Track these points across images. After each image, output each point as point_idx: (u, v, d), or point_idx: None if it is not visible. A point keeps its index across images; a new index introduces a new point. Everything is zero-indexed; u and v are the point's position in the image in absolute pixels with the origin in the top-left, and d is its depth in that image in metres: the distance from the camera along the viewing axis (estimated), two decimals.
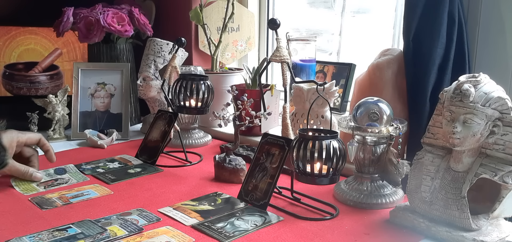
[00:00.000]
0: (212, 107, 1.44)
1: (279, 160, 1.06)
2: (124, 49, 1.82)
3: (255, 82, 1.60)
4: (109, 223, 0.96)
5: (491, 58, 1.16)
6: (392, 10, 1.54)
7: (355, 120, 1.08)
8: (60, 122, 1.65)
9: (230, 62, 1.91)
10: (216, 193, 1.15)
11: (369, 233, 0.95)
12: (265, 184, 1.06)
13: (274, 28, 1.13)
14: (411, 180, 0.97)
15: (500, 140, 0.87)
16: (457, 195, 0.88)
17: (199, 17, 1.71)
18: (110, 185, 1.20)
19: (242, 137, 1.53)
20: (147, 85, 1.68)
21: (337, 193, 1.12)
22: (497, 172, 0.85)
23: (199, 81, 1.38)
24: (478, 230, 0.88)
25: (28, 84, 1.83)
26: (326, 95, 1.24)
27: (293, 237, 0.92)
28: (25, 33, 1.85)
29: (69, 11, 1.73)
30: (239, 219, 0.99)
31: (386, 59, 1.20)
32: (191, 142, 1.57)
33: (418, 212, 0.95)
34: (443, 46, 1.11)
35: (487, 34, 1.16)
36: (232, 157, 1.24)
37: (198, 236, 0.92)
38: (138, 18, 1.77)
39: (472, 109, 0.85)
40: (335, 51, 1.73)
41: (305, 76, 1.45)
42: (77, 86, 1.70)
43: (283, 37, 1.19)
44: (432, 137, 0.96)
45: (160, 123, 1.45)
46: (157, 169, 1.33)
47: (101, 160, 1.41)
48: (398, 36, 1.50)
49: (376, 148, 1.07)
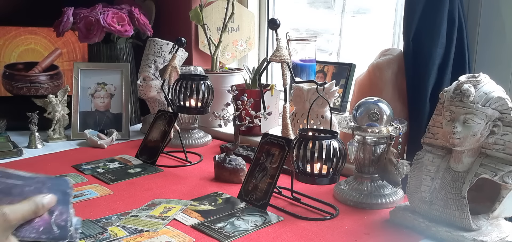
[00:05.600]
0: (212, 107, 1.44)
1: (279, 160, 1.06)
2: (124, 49, 1.82)
3: (255, 82, 1.60)
4: (109, 223, 0.96)
5: (491, 58, 1.16)
6: (392, 10, 1.54)
7: (355, 120, 1.08)
8: (60, 122, 1.65)
9: (230, 62, 1.91)
10: (217, 193, 1.15)
11: (369, 233, 0.95)
12: (265, 184, 1.06)
13: (274, 28, 1.14)
14: (411, 180, 0.97)
15: (500, 140, 0.87)
16: (457, 195, 0.88)
17: (199, 17, 1.71)
18: (110, 185, 1.20)
19: (242, 137, 1.53)
20: (147, 85, 1.68)
21: (337, 193, 1.12)
22: (497, 172, 0.85)
23: (199, 81, 1.38)
24: (478, 230, 0.88)
25: (28, 84, 1.83)
26: (326, 95, 1.24)
27: (293, 237, 0.92)
28: (25, 33, 1.85)
29: (69, 11, 1.73)
30: (239, 219, 0.99)
31: (386, 59, 1.20)
32: (191, 142, 1.57)
33: (418, 212, 0.95)
34: (443, 46, 1.11)
35: (487, 34, 1.16)
36: (232, 157, 1.24)
37: (198, 236, 0.92)
38: (138, 18, 1.77)
39: (472, 109, 0.85)
40: (335, 51, 1.73)
41: (305, 76, 1.45)
42: (77, 86, 1.70)
43: (283, 37, 1.19)
44: (432, 137, 0.96)
45: (160, 123, 1.45)
46: (157, 169, 1.33)
47: (101, 160, 1.41)
48: (398, 36, 1.50)
49: (376, 148, 1.07)
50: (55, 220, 0.62)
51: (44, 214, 0.62)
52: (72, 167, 1.34)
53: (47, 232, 0.61)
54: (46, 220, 0.62)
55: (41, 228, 0.61)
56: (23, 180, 0.64)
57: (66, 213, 0.64)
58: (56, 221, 0.62)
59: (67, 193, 0.66)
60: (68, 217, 0.63)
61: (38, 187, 0.63)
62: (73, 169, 1.33)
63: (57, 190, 0.65)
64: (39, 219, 0.61)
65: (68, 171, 1.31)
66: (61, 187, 0.66)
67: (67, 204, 0.65)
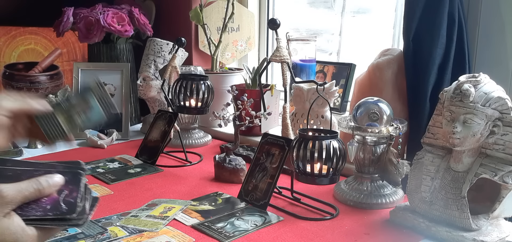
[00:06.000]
0: (212, 107, 1.44)
1: (279, 160, 1.06)
2: (124, 49, 1.82)
3: (255, 82, 1.60)
4: (109, 223, 0.96)
5: (491, 58, 1.16)
6: (392, 10, 1.54)
7: (355, 120, 1.08)
8: None
9: (230, 62, 1.91)
10: (217, 193, 1.15)
11: (369, 233, 0.95)
12: (265, 184, 1.06)
13: (274, 28, 1.14)
14: (411, 180, 0.97)
15: (500, 140, 0.87)
16: (457, 195, 0.88)
17: (199, 17, 1.71)
18: (110, 185, 1.20)
19: (242, 137, 1.53)
20: (147, 85, 1.68)
21: (337, 193, 1.12)
22: (497, 172, 0.85)
23: (199, 81, 1.38)
24: (478, 230, 0.88)
25: (28, 84, 1.83)
26: (326, 95, 1.24)
27: (293, 237, 0.92)
28: (25, 33, 1.86)
29: (69, 11, 1.73)
30: (239, 219, 0.99)
31: (386, 59, 1.20)
32: (191, 142, 1.57)
33: (418, 212, 0.95)
34: (443, 46, 1.11)
35: (487, 34, 1.16)
36: (232, 157, 1.24)
37: (198, 236, 0.92)
38: (138, 18, 1.77)
39: (472, 109, 0.85)
40: (335, 51, 1.73)
41: (305, 76, 1.45)
42: (77, 86, 1.70)
43: (283, 37, 1.19)
44: (432, 137, 0.96)
45: (160, 123, 1.45)
46: (157, 169, 1.33)
47: (101, 160, 1.41)
48: (398, 36, 1.50)
49: (376, 148, 1.07)
50: (64, 198, 0.61)
51: (53, 194, 0.61)
52: None
53: (54, 209, 0.60)
54: (55, 199, 0.61)
55: (48, 206, 0.60)
56: (33, 166, 0.64)
57: (76, 192, 0.62)
58: (65, 199, 0.61)
59: (78, 173, 0.65)
60: (78, 195, 0.62)
61: (48, 171, 0.63)
62: None
63: (68, 172, 0.64)
64: (47, 199, 0.61)
65: None
66: (72, 169, 0.66)
67: (78, 184, 0.64)
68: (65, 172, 0.64)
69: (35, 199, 0.60)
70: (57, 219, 0.60)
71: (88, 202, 0.63)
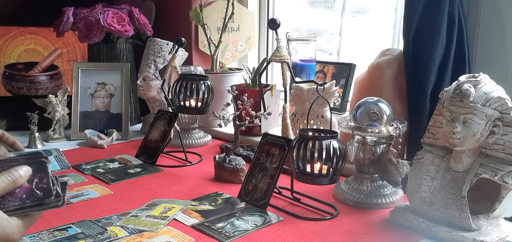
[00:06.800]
0: (212, 107, 1.44)
1: (279, 160, 1.06)
2: (124, 49, 1.82)
3: (255, 82, 1.60)
4: (109, 223, 0.96)
5: (491, 58, 1.16)
6: (392, 10, 1.54)
7: (355, 120, 1.08)
8: (60, 122, 1.65)
9: (230, 62, 1.91)
10: (217, 193, 1.15)
11: (369, 233, 0.95)
12: (265, 184, 1.06)
13: (274, 28, 1.14)
14: (411, 180, 0.97)
15: (500, 140, 0.87)
16: (457, 195, 0.88)
17: (199, 17, 1.71)
18: (110, 185, 1.20)
19: (242, 137, 1.53)
20: (147, 85, 1.68)
21: (337, 193, 1.12)
22: (497, 172, 0.85)
23: (199, 81, 1.38)
24: (478, 230, 0.88)
25: (28, 84, 1.83)
26: (326, 95, 1.24)
27: (293, 237, 0.92)
28: (25, 33, 1.85)
29: (69, 11, 1.73)
30: (239, 219, 0.99)
31: (386, 59, 1.20)
32: (191, 142, 1.57)
33: (418, 212, 0.95)
34: (443, 46, 1.11)
35: (487, 34, 1.16)
36: (232, 157, 1.24)
37: (198, 236, 0.92)
38: (138, 18, 1.77)
39: (472, 109, 0.85)
40: (335, 51, 1.73)
41: (305, 76, 1.45)
42: (77, 86, 1.70)
43: (283, 37, 1.19)
44: (432, 137, 0.96)
45: (160, 123, 1.45)
46: (157, 169, 1.33)
47: (101, 160, 1.41)
48: (398, 36, 1.50)
49: (376, 148, 1.07)
50: (36, 186, 0.65)
51: (24, 184, 0.65)
52: (72, 167, 1.34)
53: (30, 197, 0.64)
54: (28, 187, 0.65)
55: (24, 196, 0.64)
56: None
57: (46, 178, 0.66)
58: (37, 186, 0.65)
59: (42, 161, 0.68)
60: (49, 181, 0.66)
61: (12, 165, 0.66)
62: (73, 169, 1.33)
63: (32, 162, 0.67)
64: (20, 189, 0.64)
65: (68, 171, 1.31)
66: (35, 159, 0.68)
67: (45, 171, 0.67)
68: (29, 163, 0.67)
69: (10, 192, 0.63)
70: (36, 205, 0.64)
71: (59, 186, 0.67)
